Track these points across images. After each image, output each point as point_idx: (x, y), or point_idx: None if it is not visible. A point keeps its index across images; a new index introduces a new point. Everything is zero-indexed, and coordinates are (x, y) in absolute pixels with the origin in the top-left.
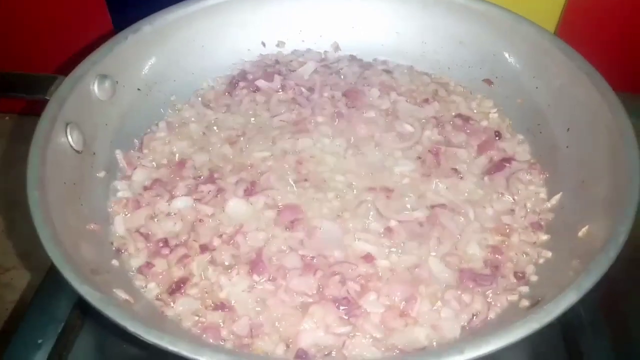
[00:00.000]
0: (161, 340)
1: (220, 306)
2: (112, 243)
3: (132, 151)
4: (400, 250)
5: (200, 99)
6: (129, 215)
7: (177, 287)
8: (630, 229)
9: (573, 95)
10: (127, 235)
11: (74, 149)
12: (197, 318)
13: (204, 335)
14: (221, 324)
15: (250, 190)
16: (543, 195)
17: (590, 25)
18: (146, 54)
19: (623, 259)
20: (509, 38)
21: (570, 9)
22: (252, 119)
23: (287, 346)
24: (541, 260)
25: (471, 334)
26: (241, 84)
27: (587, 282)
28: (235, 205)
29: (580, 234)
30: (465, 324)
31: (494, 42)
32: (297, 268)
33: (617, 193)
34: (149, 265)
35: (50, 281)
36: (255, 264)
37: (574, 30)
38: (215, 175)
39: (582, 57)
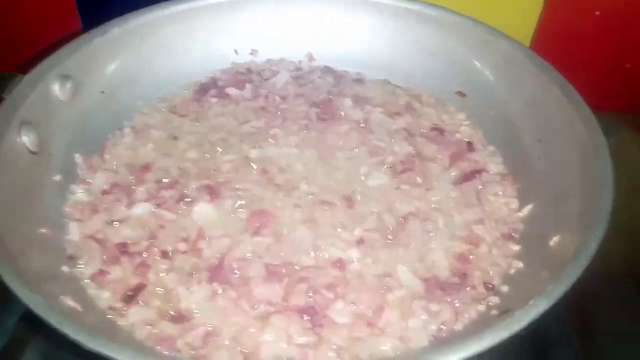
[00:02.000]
0: (105, 349)
1: (178, 316)
2: (65, 249)
3: (92, 155)
4: (369, 259)
5: (167, 104)
6: (84, 220)
7: (131, 296)
8: (601, 239)
9: (545, 106)
10: (81, 241)
11: (30, 150)
12: (151, 328)
13: (158, 347)
14: (177, 334)
15: (215, 196)
16: (514, 206)
17: (565, 41)
18: (113, 57)
19: (594, 273)
20: (481, 50)
21: (544, 24)
22: (220, 126)
23: (246, 358)
24: (512, 271)
25: (439, 344)
26: (211, 91)
27: (557, 291)
28: (200, 211)
29: (551, 243)
30: (434, 334)
31: (467, 54)
32: (261, 275)
33: (589, 203)
34: (103, 272)
35: None
36: (216, 272)
37: (548, 46)
38: (179, 181)
39: (555, 69)
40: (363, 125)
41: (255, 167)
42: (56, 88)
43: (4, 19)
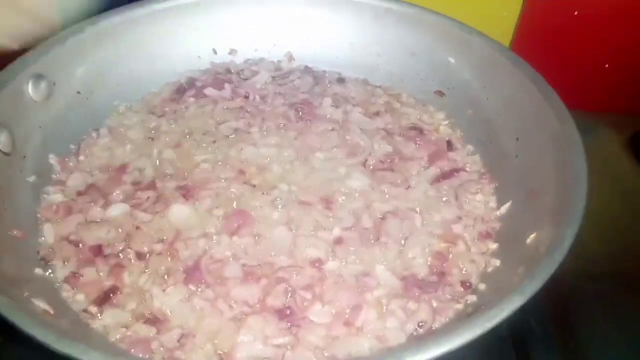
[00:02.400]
0: (72, 350)
1: (152, 318)
2: (38, 251)
3: (68, 156)
4: (347, 258)
5: (144, 104)
6: (59, 221)
7: (105, 298)
8: (575, 235)
9: (522, 105)
10: (55, 243)
11: (2, 151)
12: (125, 330)
13: (132, 350)
14: (152, 336)
15: (191, 196)
16: (492, 204)
17: (544, 41)
18: (88, 56)
19: (577, 272)
20: (459, 49)
21: (523, 24)
22: (198, 126)
23: (221, 359)
24: (489, 269)
25: (413, 342)
26: (189, 91)
27: (532, 287)
28: (177, 212)
29: (528, 241)
30: (412, 333)
31: (445, 53)
32: (239, 276)
33: (564, 200)
34: (76, 275)
35: None
36: (192, 273)
37: (528, 46)
38: (156, 181)
39: (531, 67)
40: (342, 125)
41: (232, 167)
42: (29, 88)
43: None
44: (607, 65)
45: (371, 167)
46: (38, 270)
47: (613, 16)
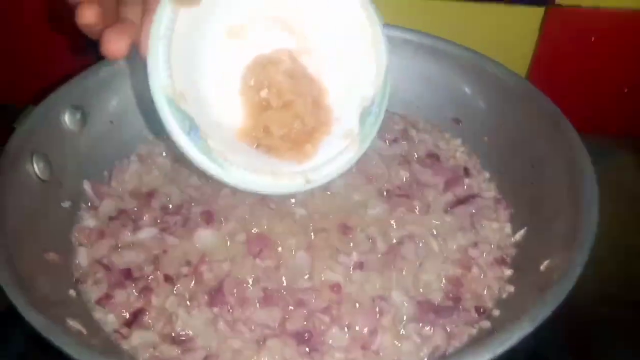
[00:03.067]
0: None
1: (178, 339)
2: (72, 273)
3: (100, 182)
4: (364, 282)
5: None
6: (92, 245)
7: (134, 319)
8: (585, 262)
9: (536, 133)
10: (88, 266)
11: (40, 179)
12: (153, 351)
13: None
14: (177, 357)
15: (214, 221)
16: (508, 230)
17: (562, 67)
18: (120, 87)
19: (590, 297)
20: (475, 78)
21: (541, 51)
22: None
23: None
24: (504, 295)
25: None
26: None
27: (542, 314)
28: (202, 236)
29: (542, 268)
30: (426, 358)
31: (461, 82)
32: (260, 299)
33: (576, 228)
34: (108, 296)
35: (6, 313)
36: (215, 296)
37: (546, 71)
38: (183, 206)
39: (545, 96)
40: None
41: (254, 194)
42: (66, 118)
43: (20, 53)
44: (626, 90)
45: (388, 194)
46: (72, 292)
47: (631, 40)
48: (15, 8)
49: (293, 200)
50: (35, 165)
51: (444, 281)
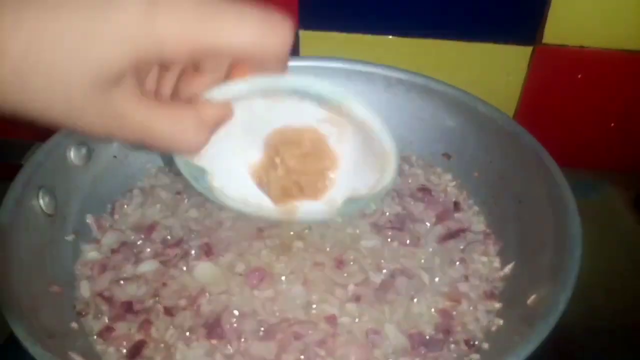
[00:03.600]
0: None
1: None
2: (74, 306)
3: (103, 215)
4: (358, 315)
5: (173, 167)
6: (94, 278)
7: (135, 352)
8: (569, 298)
9: (522, 170)
10: (90, 299)
11: (45, 213)
12: None
13: None
14: None
15: (212, 254)
16: (497, 264)
17: (549, 103)
18: None
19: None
20: (464, 116)
21: (528, 88)
22: None
23: None
24: (493, 328)
25: None
26: None
27: (526, 349)
28: (201, 269)
29: (529, 302)
30: None
31: (451, 120)
32: (257, 332)
33: (560, 264)
34: (109, 329)
35: (10, 346)
36: (213, 328)
37: (534, 108)
38: (183, 239)
39: (530, 134)
40: None
41: (252, 226)
42: (72, 154)
43: None
44: (612, 125)
45: (382, 227)
46: (74, 324)
47: (618, 77)
48: None
49: (292, 233)
50: (41, 200)
51: (434, 314)
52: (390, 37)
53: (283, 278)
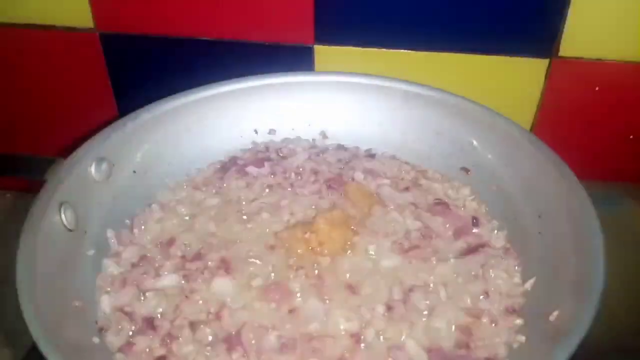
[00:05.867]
0: None
1: None
2: (96, 321)
3: (123, 230)
4: (378, 330)
5: (192, 181)
6: (115, 292)
7: None
8: (593, 316)
9: (541, 184)
10: (111, 314)
11: (67, 228)
12: None
13: None
14: None
15: (231, 269)
16: (517, 279)
17: (567, 116)
18: (144, 140)
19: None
20: (481, 130)
21: (546, 101)
22: (238, 201)
23: None
24: (515, 345)
25: None
26: (232, 169)
27: None
28: (219, 283)
29: (551, 318)
30: None
31: (468, 134)
32: (276, 346)
33: (584, 278)
34: (130, 344)
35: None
36: (234, 343)
37: (551, 121)
38: (202, 253)
39: (549, 148)
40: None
41: (269, 241)
42: (92, 170)
43: (51, 109)
44: (631, 136)
45: (400, 243)
46: (95, 339)
47: (635, 89)
48: (46, 66)
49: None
50: (63, 215)
51: (454, 330)
52: (406, 51)
53: (301, 292)
